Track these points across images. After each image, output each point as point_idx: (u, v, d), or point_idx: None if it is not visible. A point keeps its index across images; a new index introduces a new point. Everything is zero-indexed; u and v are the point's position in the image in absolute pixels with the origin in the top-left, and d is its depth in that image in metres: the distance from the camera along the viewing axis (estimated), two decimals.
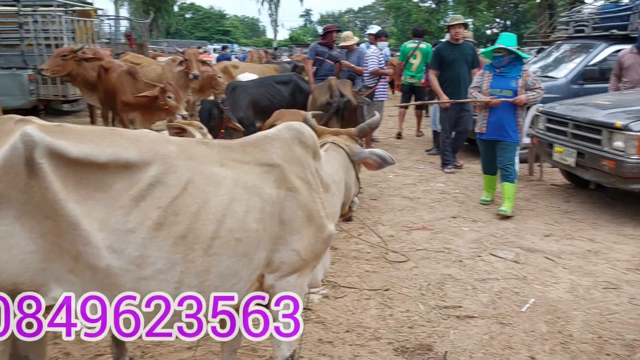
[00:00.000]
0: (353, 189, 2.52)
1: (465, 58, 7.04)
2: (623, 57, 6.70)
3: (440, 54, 7.12)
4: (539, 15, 12.94)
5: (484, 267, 4.08)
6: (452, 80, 6.96)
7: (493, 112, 5.30)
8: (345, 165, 2.45)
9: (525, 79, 5.20)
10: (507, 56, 5.23)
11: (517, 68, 5.26)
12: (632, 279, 3.87)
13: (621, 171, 4.82)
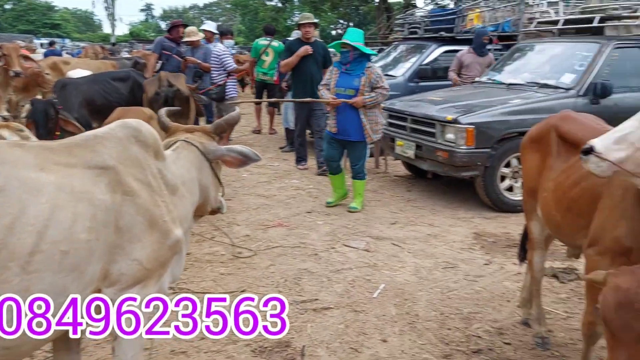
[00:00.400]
0: (212, 189, 2.37)
1: (316, 57, 6.87)
2: (462, 56, 7.47)
3: (291, 50, 6.91)
4: (377, 17, 13.81)
5: (338, 258, 4.20)
6: (302, 78, 6.85)
7: (340, 111, 5.22)
8: (199, 165, 2.28)
9: (369, 76, 5.09)
10: (352, 52, 5.10)
11: (361, 65, 5.15)
12: (466, 258, 4.26)
13: (453, 161, 5.29)
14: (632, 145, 1.89)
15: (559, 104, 5.44)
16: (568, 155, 2.61)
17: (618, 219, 2.18)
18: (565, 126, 2.74)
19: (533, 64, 6.46)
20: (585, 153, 1.96)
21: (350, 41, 5.07)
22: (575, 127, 2.66)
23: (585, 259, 2.38)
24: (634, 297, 1.73)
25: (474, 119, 5.24)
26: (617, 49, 5.76)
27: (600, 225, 2.26)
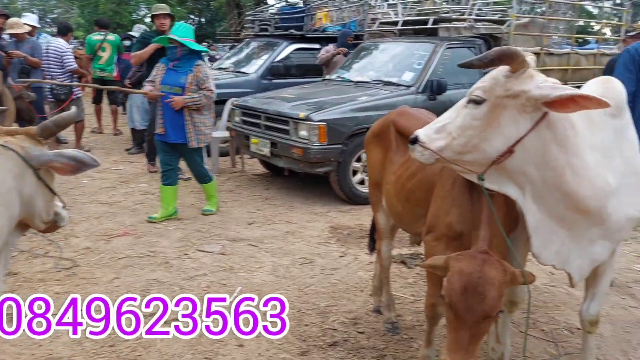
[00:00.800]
0: (39, 200, 2.02)
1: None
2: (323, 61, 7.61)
3: (145, 42, 6.04)
4: (228, 13, 13.61)
5: (191, 264, 3.99)
6: None
7: (165, 111, 4.74)
8: (19, 172, 1.93)
9: (197, 74, 4.67)
10: (180, 48, 4.66)
11: (190, 63, 4.71)
12: (323, 252, 4.31)
13: (308, 157, 5.33)
14: (450, 135, 1.98)
15: (402, 100, 5.77)
16: (405, 149, 2.71)
17: (449, 206, 2.30)
18: (402, 121, 2.84)
19: (377, 62, 6.78)
20: (412, 142, 2.06)
21: (177, 37, 4.65)
22: (411, 122, 2.76)
23: (424, 245, 2.49)
24: (477, 280, 1.83)
25: (325, 115, 5.34)
26: (449, 48, 6.27)
27: (435, 213, 2.37)
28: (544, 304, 3.50)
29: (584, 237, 2.15)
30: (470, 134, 1.96)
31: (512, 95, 1.89)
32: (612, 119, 2.13)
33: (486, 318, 1.85)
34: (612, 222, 2.11)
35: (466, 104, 1.99)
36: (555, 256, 2.16)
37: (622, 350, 2.97)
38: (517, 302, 2.64)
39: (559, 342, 3.03)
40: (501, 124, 1.92)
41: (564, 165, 1.95)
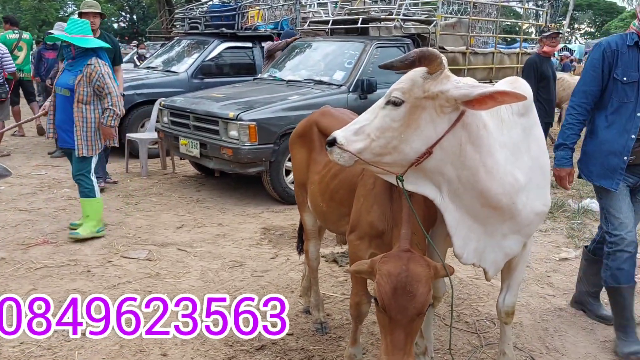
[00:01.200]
0: None
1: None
2: (272, 49, 7.48)
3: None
4: (159, 10, 13.22)
5: (114, 272, 3.83)
6: None
7: (57, 113, 4.38)
8: None
9: (89, 74, 4.19)
10: (74, 47, 4.24)
11: (84, 61, 4.24)
12: (254, 254, 4.25)
13: (238, 158, 5.25)
14: (369, 136, 1.96)
15: (333, 99, 5.80)
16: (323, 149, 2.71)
17: (371, 204, 2.31)
18: (324, 121, 2.84)
19: (309, 61, 6.78)
20: (330, 144, 2.02)
21: (68, 34, 4.20)
22: (333, 122, 2.76)
23: (348, 244, 2.50)
24: (405, 279, 1.85)
25: (256, 115, 5.27)
26: (379, 48, 6.35)
27: (357, 211, 2.38)
28: (468, 296, 3.60)
29: (497, 232, 2.22)
30: (389, 135, 1.96)
31: (430, 96, 1.90)
32: (520, 117, 2.20)
33: (419, 315, 1.88)
34: (523, 217, 2.19)
35: (384, 105, 1.97)
36: (474, 254, 2.21)
37: (540, 337, 3.11)
38: (439, 297, 2.70)
39: (481, 333, 3.13)
40: (420, 125, 1.93)
41: (478, 165, 1.99)
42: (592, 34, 49.55)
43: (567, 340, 3.08)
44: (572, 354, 2.94)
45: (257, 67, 8.32)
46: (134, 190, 5.98)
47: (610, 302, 3.01)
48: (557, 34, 6.05)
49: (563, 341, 3.07)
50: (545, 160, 2.28)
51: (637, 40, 2.83)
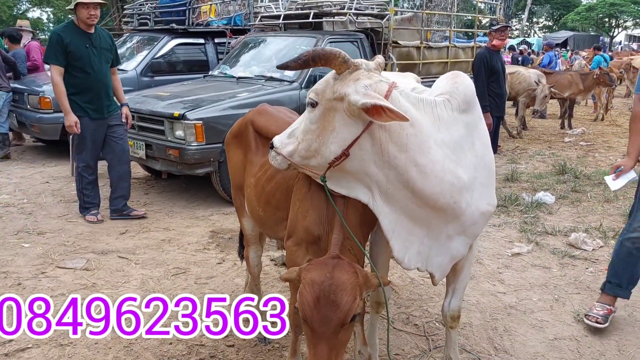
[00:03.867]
0: None
1: (103, 52, 4.71)
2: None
3: (62, 42, 4.48)
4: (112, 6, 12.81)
5: (47, 284, 3.59)
6: (90, 84, 4.62)
7: None
8: None
9: None
10: None
11: None
12: (199, 260, 4.07)
13: (185, 158, 5.04)
14: (297, 139, 1.95)
15: (285, 96, 5.65)
16: (265, 150, 2.57)
17: (307, 209, 2.19)
18: (260, 120, 2.69)
19: (261, 57, 6.60)
20: (271, 147, 2.05)
21: None
22: (269, 121, 2.64)
23: (285, 251, 2.36)
24: (328, 288, 1.74)
25: (202, 114, 5.07)
26: (331, 43, 6.22)
27: (294, 216, 2.25)
28: (419, 297, 3.52)
29: (441, 234, 2.11)
30: (310, 138, 1.92)
31: (338, 97, 1.83)
32: (462, 114, 2.08)
33: (343, 326, 1.75)
34: (467, 216, 2.08)
35: (308, 107, 1.94)
36: (417, 257, 2.10)
37: (489, 338, 3.04)
38: (382, 303, 2.59)
39: (430, 336, 3.05)
40: (335, 127, 1.87)
41: (406, 164, 1.89)
42: (550, 27, 50.81)
43: (516, 340, 3.02)
44: (520, 354, 2.88)
45: (210, 63, 8.08)
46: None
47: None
48: (505, 27, 6.05)
49: (512, 341, 3.01)
50: (490, 157, 2.18)
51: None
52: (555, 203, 5.58)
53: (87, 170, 4.85)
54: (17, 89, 7.41)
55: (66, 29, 4.62)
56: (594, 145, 9.01)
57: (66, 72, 4.57)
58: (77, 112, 4.62)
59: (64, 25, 4.75)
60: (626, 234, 3.09)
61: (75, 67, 4.56)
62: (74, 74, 4.58)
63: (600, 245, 4.41)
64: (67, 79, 4.58)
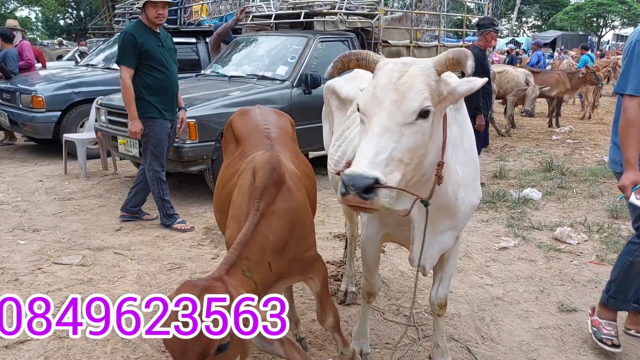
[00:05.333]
0: None
1: (171, 53, 4.67)
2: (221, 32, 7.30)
3: (135, 42, 4.34)
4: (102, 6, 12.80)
5: (45, 279, 3.65)
6: (165, 85, 4.52)
7: None
8: None
9: None
10: None
11: None
12: (194, 255, 4.15)
13: (179, 156, 5.10)
14: (401, 162, 1.62)
15: (277, 95, 5.73)
16: (233, 152, 2.52)
17: (229, 220, 2.11)
18: (237, 122, 2.65)
19: (252, 56, 6.67)
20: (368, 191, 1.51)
21: None
22: (242, 124, 2.58)
23: None
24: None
25: (196, 112, 5.13)
26: (322, 42, 6.31)
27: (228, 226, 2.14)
28: (409, 289, 3.62)
29: (437, 230, 2.18)
30: (420, 153, 1.68)
31: (442, 99, 1.73)
32: (457, 112, 2.14)
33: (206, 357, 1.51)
34: (461, 211, 2.16)
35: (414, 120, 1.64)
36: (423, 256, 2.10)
37: (477, 327, 3.14)
38: (374, 293, 2.68)
39: (419, 326, 3.14)
40: (433, 133, 1.72)
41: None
42: (539, 27, 51.21)
43: (503, 329, 3.12)
44: (506, 343, 2.98)
45: (202, 63, 8.13)
46: (72, 193, 5.75)
47: None
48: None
49: (498, 330, 3.12)
50: (475, 152, 2.27)
51: None
52: (542, 199, 5.71)
53: (163, 175, 4.71)
54: (10, 88, 7.43)
55: (137, 28, 4.47)
56: (580, 143, 9.18)
57: (140, 73, 4.43)
58: (153, 113, 4.49)
59: (134, 25, 4.56)
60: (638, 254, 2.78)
61: (150, 67, 4.44)
62: (149, 74, 4.44)
63: (584, 240, 4.54)
64: (141, 80, 4.44)
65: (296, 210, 2.02)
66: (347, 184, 1.51)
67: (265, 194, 1.92)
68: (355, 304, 3.38)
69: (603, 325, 2.93)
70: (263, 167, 1.99)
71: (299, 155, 2.58)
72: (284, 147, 2.42)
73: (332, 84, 3.15)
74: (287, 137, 2.61)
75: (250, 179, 2.02)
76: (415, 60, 1.77)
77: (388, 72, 1.72)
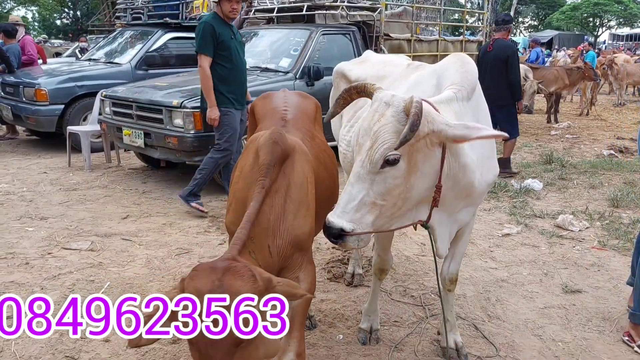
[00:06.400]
0: None
1: (241, 46, 4.84)
2: None
3: (214, 32, 4.48)
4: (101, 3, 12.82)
5: (55, 263, 3.69)
6: (235, 75, 4.68)
7: None
8: None
9: None
10: None
11: None
12: (202, 241, 4.19)
13: (184, 146, 5.15)
14: (374, 205, 1.82)
15: (279, 86, 5.73)
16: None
17: (230, 202, 2.10)
18: (258, 105, 2.68)
19: (256, 49, 6.72)
20: (338, 237, 1.79)
21: None
22: (262, 106, 2.61)
23: None
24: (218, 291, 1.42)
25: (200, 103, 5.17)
26: (325, 35, 6.37)
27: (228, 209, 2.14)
28: (414, 272, 3.67)
29: (455, 211, 2.24)
30: (397, 193, 1.84)
31: (421, 138, 1.81)
32: (469, 102, 2.16)
33: (238, 345, 1.42)
34: (478, 192, 2.22)
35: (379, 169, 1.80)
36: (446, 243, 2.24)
37: (483, 307, 3.20)
38: (386, 270, 2.74)
39: (426, 306, 3.20)
40: (419, 167, 1.86)
41: (458, 169, 2.01)
42: (536, 27, 51.40)
43: (508, 309, 3.18)
44: (512, 320, 3.04)
45: None
46: (76, 184, 5.78)
47: None
48: None
49: (504, 309, 3.17)
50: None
51: None
52: (543, 189, 5.77)
53: (226, 160, 4.84)
54: (12, 81, 7.46)
55: (214, 19, 4.58)
56: (579, 137, 9.25)
57: (214, 64, 4.55)
58: (224, 104, 4.61)
59: (211, 16, 4.64)
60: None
61: (223, 57, 4.56)
62: (222, 64, 4.57)
63: (586, 227, 4.60)
64: (214, 71, 4.55)
65: (297, 187, 1.97)
66: (324, 229, 1.83)
67: (270, 171, 1.88)
68: (362, 286, 3.43)
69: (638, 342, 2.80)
70: (265, 143, 1.95)
71: (316, 138, 2.48)
72: (298, 128, 2.37)
73: (342, 67, 3.20)
74: (306, 119, 2.56)
75: (250, 159, 2.02)
76: (393, 101, 1.81)
77: (372, 113, 1.85)
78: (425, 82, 2.34)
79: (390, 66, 2.89)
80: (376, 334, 2.79)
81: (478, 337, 2.86)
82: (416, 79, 2.45)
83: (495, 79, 6.11)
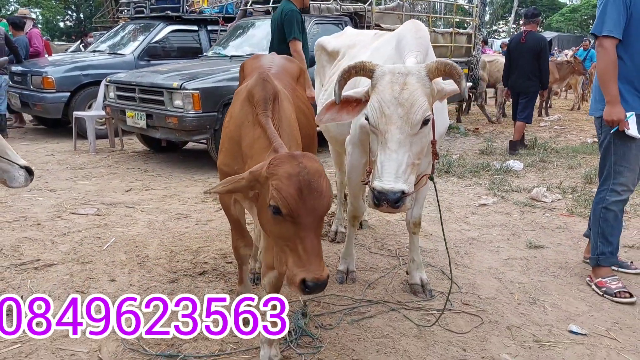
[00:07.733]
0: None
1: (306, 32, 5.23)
2: None
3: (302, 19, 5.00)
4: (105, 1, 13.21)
5: (64, 225, 4.03)
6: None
7: None
8: None
9: None
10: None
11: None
12: (199, 209, 4.53)
13: (183, 125, 5.49)
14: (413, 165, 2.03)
15: None
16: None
17: (222, 142, 2.31)
18: (247, 64, 2.93)
19: (252, 39, 7.07)
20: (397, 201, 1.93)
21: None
22: (250, 65, 2.86)
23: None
24: (307, 177, 1.67)
25: (199, 84, 5.52)
26: (317, 24, 6.72)
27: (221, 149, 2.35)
28: (393, 233, 4.00)
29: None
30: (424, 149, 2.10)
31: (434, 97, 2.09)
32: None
33: (326, 214, 1.75)
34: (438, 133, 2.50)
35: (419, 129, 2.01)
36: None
37: (452, 258, 3.52)
38: (359, 217, 3.07)
39: (400, 257, 3.53)
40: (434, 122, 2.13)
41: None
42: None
43: (475, 259, 3.51)
44: (476, 268, 3.37)
45: (203, 50, 8.52)
46: (82, 164, 6.12)
47: None
48: None
49: (471, 260, 3.50)
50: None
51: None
52: (523, 169, 6.09)
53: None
54: (21, 70, 7.82)
55: (296, 8, 4.96)
56: (567, 128, 9.57)
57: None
58: None
59: (293, 6, 4.97)
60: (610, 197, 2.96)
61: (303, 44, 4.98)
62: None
63: (558, 199, 4.92)
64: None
65: (287, 122, 2.21)
66: (380, 198, 1.94)
67: (268, 105, 2.05)
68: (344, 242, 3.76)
69: (609, 283, 2.98)
70: (257, 83, 2.11)
71: (297, 92, 2.73)
72: (280, 80, 2.59)
73: (321, 41, 3.55)
74: (289, 76, 2.79)
75: (239, 105, 2.20)
76: (409, 69, 2.03)
77: (389, 85, 2.01)
78: (386, 45, 2.70)
79: (361, 36, 3.27)
80: (352, 274, 3.13)
81: (444, 279, 3.20)
82: (379, 43, 2.82)
83: (524, 69, 6.95)
